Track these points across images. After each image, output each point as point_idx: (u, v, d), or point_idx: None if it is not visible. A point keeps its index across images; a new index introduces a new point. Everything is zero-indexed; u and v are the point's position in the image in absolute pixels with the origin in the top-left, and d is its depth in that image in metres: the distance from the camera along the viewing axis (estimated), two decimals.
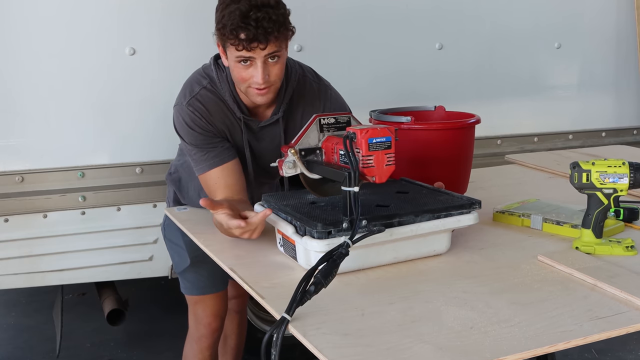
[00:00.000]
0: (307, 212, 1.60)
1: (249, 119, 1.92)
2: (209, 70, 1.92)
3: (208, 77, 1.91)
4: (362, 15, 2.85)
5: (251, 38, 1.67)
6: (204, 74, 1.92)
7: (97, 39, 2.47)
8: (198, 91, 1.88)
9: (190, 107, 1.86)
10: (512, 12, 3.19)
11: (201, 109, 1.86)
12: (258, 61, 1.73)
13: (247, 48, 1.69)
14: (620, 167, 1.64)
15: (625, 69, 3.50)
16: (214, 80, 1.90)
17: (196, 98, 1.87)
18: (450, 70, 3.07)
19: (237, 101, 1.89)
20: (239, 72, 1.78)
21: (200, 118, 1.86)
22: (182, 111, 1.88)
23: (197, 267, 2.14)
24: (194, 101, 1.87)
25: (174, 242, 2.18)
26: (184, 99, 1.88)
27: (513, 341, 1.20)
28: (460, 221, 1.63)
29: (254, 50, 1.70)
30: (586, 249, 1.66)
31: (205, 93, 1.88)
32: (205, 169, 1.87)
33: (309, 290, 1.30)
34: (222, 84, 1.89)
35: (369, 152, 1.50)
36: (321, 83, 2.01)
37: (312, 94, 1.98)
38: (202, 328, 2.22)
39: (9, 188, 2.43)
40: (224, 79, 1.89)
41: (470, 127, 2.13)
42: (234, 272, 1.58)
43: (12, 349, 3.33)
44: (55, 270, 2.56)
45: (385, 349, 1.18)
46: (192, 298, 2.21)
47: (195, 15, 2.57)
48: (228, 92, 1.89)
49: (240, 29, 1.67)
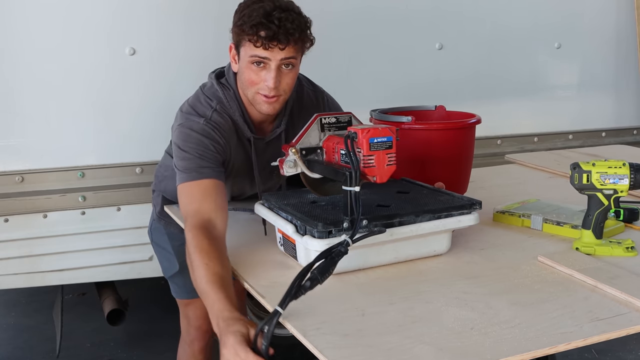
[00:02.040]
0: (308, 211, 1.60)
1: (257, 137, 1.86)
2: (213, 90, 1.84)
3: (215, 98, 1.82)
4: (362, 16, 2.85)
5: (271, 36, 1.65)
6: (208, 96, 1.82)
7: (97, 39, 2.47)
8: (210, 115, 1.78)
9: (209, 125, 1.76)
10: (512, 12, 3.19)
11: (221, 130, 1.77)
12: (272, 64, 1.69)
13: (265, 46, 1.66)
14: (621, 168, 1.64)
15: (625, 69, 3.50)
16: (222, 101, 1.82)
17: (212, 119, 1.77)
18: (451, 70, 3.07)
19: (246, 120, 1.83)
20: (250, 74, 1.73)
21: (219, 137, 1.76)
22: (197, 126, 1.75)
23: (187, 271, 2.10)
24: (210, 122, 1.77)
25: (161, 247, 2.16)
26: (198, 118, 1.77)
27: (513, 342, 1.20)
28: (460, 221, 1.63)
29: (271, 50, 1.67)
30: (586, 250, 1.66)
31: (218, 116, 1.79)
32: (201, 177, 1.70)
33: (304, 285, 1.29)
34: (230, 103, 1.81)
35: (370, 152, 1.50)
36: (317, 90, 2.01)
37: (310, 102, 1.97)
38: (193, 331, 2.21)
39: (9, 188, 2.43)
40: (232, 97, 1.82)
41: (471, 127, 2.13)
42: (234, 271, 1.58)
43: (12, 349, 3.33)
44: (55, 270, 2.56)
45: (385, 350, 1.18)
46: (182, 301, 2.20)
47: (195, 16, 2.57)
48: (238, 111, 1.81)
49: (261, 26, 1.65)
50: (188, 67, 2.35)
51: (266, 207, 1.72)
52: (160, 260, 2.21)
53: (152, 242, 2.21)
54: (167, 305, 3.08)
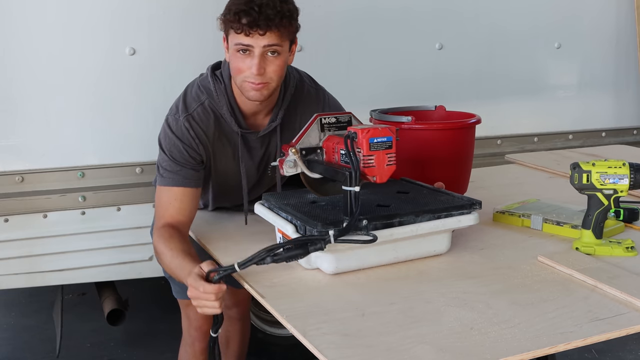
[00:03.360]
0: (308, 211, 1.60)
1: (246, 131, 1.89)
2: (206, 82, 1.88)
3: (205, 90, 1.87)
4: (363, 16, 2.85)
5: (252, 22, 1.67)
6: (201, 88, 1.88)
7: (97, 39, 2.47)
8: (195, 108, 1.84)
9: (187, 122, 1.82)
10: (512, 12, 3.18)
11: (197, 128, 1.83)
12: (256, 51, 1.71)
13: (246, 32, 1.68)
14: (621, 167, 1.64)
15: (625, 69, 3.50)
16: (211, 94, 1.86)
17: (192, 116, 1.83)
18: (451, 70, 3.07)
19: (235, 114, 1.86)
20: (237, 62, 1.76)
21: (192, 138, 1.82)
22: (175, 124, 1.84)
23: None
24: (189, 118, 1.83)
25: None
26: (179, 113, 1.84)
27: (513, 342, 1.21)
28: (460, 221, 1.63)
29: (252, 36, 1.69)
30: (586, 250, 1.66)
31: (202, 110, 1.84)
32: (170, 183, 1.82)
33: (266, 260, 1.43)
34: (219, 97, 1.85)
35: (370, 152, 1.50)
36: (318, 88, 2.01)
37: (310, 99, 1.97)
38: (194, 331, 2.21)
39: (9, 188, 2.43)
40: (221, 91, 1.86)
41: (471, 127, 2.13)
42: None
43: (12, 349, 3.33)
44: (55, 270, 2.55)
45: (385, 350, 1.19)
46: (183, 302, 2.19)
47: (195, 16, 2.57)
48: (226, 105, 1.85)
49: (242, 13, 1.68)
50: (188, 67, 2.33)
51: (266, 207, 1.72)
52: None
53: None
54: (167, 305, 3.08)
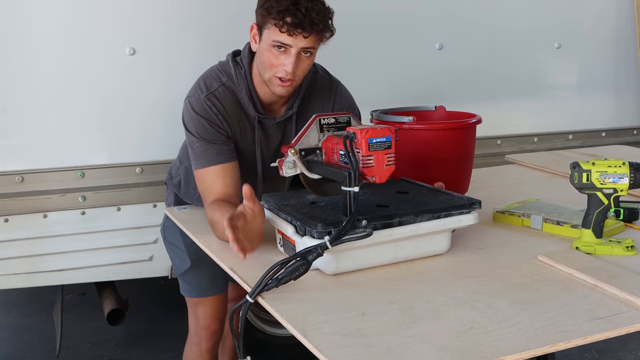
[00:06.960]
0: (307, 212, 1.60)
1: (263, 117, 1.91)
2: (227, 66, 1.91)
3: (226, 74, 1.90)
4: (363, 16, 2.85)
5: (297, 24, 1.69)
6: (221, 70, 1.91)
7: (97, 38, 2.47)
8: (217, 87, 1.87)
9: (208, 101, 1.85)
10: (512, 12, 3.19)
11: (218, 105, 1.86)
12: (293, 50, 1.74)
13: (289, 32, 1.70)
14: (621, 167, 1.64)
15: (625, 69, 3.50)
16: (232, 77, 1.89)
17: (213, 94, 1.86)
18: (451, 70, 3.07)
19: (253, 99, 1.89)
20: (269, 57, 1.77)
21: (215, 114, 1.85)
22: (197, 103, 1.86)
23: (198, 269, 2.13)
24: (211, 96, 1.86)
25: (173, 244, 2.17)
26: (200, 92, 1.87)
27: (513, 341, 1.20)
28: (460, 221, 1.63)
29: (295, 37, 1.71)
30: (586, 249, 1.66)
31: (223, 90, 1.88)
32: (206, 164, 1.85)
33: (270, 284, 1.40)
34: (239, 81, 1.88)
35: (369, 152, 1.50)
36: (332, 79, 2.03)
37: (324, 90, 1.99)
38: (202, 330, 2.21)
39: (9, 188, 2.43)
40: (241, 75, 1.89)
41: (471, 127, 2.13)
42: (234, 272, 1.58)
43: (12, 349, 3.33)
44: (55, 270, 2.56)
45: (385, 349, 1.18)
46: (192, 300, 2.20)
47: (195, 16, 2.57)
48: (245, 89, 1.88)
49: (288, 12, 1.69)
50: (188, 67, 2.34)
51: (266, 208, 1.72)
52: (172, 257, 2.22)
53: (165, 239, 2.22)
54: (167, 305, 3.09)
